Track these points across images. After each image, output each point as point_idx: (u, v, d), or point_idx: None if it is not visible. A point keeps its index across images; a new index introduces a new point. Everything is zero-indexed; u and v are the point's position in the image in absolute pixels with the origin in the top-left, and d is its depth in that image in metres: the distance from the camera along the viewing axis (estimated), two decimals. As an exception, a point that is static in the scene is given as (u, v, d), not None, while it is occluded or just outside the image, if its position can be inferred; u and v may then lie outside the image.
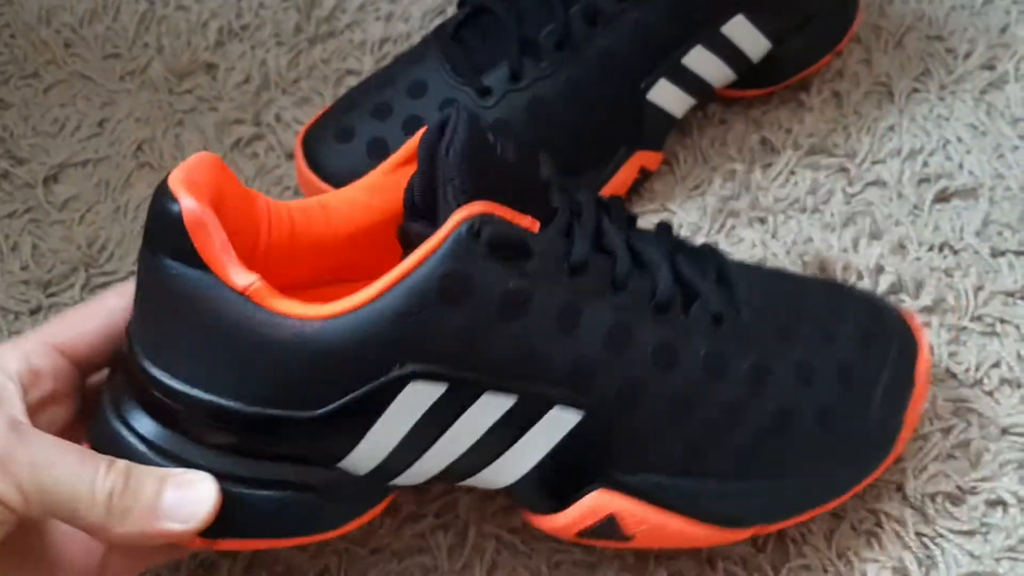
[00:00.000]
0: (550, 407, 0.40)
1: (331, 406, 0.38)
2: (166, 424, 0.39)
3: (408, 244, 0.42)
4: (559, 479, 0.42)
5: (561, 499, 0.42)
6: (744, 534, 0.44)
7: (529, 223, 0.39)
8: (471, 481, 0.42)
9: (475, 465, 0.41)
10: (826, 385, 0.44)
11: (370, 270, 0.43)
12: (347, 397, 0.38)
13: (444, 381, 0.38)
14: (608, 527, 0.42)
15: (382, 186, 0.44)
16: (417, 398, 0.38)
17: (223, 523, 0.39)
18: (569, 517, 0.42)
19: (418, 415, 0.39)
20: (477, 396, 0.39)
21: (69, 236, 0.59)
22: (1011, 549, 0.46)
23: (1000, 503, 0.48)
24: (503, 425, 0.40)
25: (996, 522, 0.47)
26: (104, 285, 0.57)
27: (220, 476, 0.39)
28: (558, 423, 0.40)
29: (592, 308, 0.40)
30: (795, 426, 0.43)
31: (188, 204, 0.38)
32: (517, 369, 0.39)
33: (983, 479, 0.48)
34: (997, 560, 0.46)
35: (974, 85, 0.63)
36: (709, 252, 0.46)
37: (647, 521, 0.42)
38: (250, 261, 0.42)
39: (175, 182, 0.39)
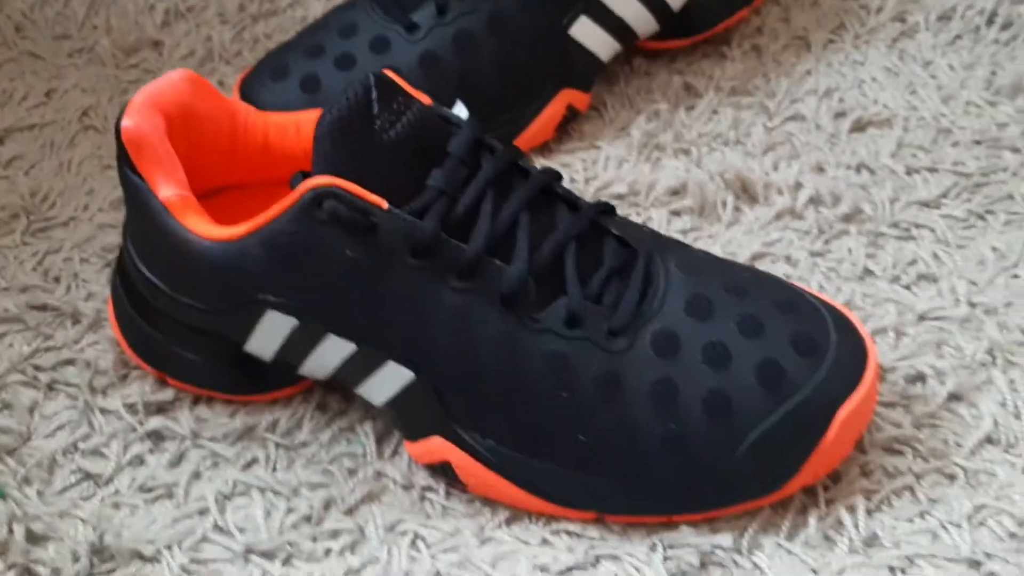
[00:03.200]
0: (385, 361, 0.43)
1: (220, 307, 0.45)
2: (147, 300, 0.47)
3: None
4: (410, 416, 0.45)
5: (415, 432, 0.45)
6: (585, 515, 0.44)
7: (376, 200, 0.41)
8: (357, 392, 0.46)
9: (350, 382, 0.45)
10: (688, 412, 0.42)
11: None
12: (229, 304, 0.45)
13: (295, 316, 0.44)
14: (446, 470, 0.45)
15: None
16: (277, 324, 0.44)
17: (173, 369, 0.48)
18: (417, 449, 0.45)
19: (283, 335, 0.45)
20: (324, 335, 0.43)
21: (13, 189, 0.59)
22: (932, 416, 0.47)
23: (919, 378, 0.48)
24: (351, 363, 0.44)
25: (916, 393, 0.48)
26: (44, 230, 0.57)
27: (169, 338, 0.48)
28: (394, 376, 0.44)
29: (431, 289, 0.42)
30: (635, 441, 0.42)
31: (127, 124, 0.44)
32: (355, 324, 0.43)
33: (902, 358, 0.49)
34: (918, 428, 0.46)
35: (887, 35, 0.65)
36: (647, 249, 0.44)
37: (477, 477, 0.44)
38: (229, 159, 0.48)
39: (132, 102, 0.45)
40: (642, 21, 0.61)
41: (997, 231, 0.55)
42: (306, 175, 0.44)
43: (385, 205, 0.41)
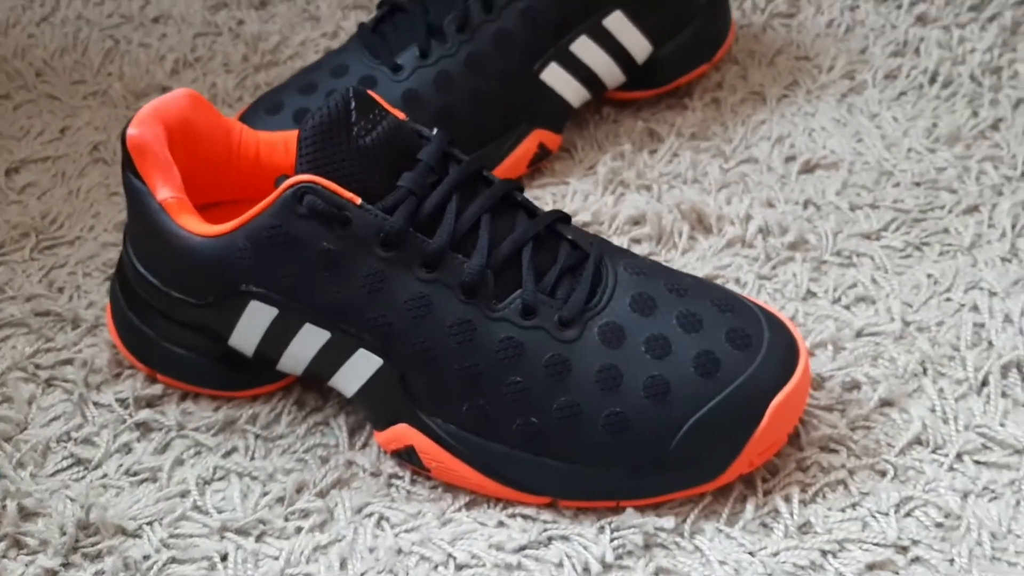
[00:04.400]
0: (357, 348, 0.46)
1: (207, 300, 0.48)
2: (141, 295, 0.50)
3: None
4: (378, 405, 0.47)
5: (383, 421, 0.47)
6: (539, 499, 0.46)
7: (350, 197, 0.44)
8: (331, 384, 0.48)
9: (323, 374, 0.48)
10: (631, 397, 0.44)
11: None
12: (216, 297, 0.47)
13: (275, 306, 0.46)
14: (410, 455, 0.47)
15: None
16: (258, 314, 0.47)
17: (162, 365, 0.51)
18: (384, 436, 0.48)
19: (264, 326, 0.47)
20: (301, 324, 0.46)
21: (24, 211, 0.63)
22: (865, 418, 0.49)
23: (855, 385, 0.50)
24: (325, 352, 0.47)
25: (852, 399, 0.50)
26: (52, 247, 0.60)
27: (160, 334, 0.50)
28: (365, 363, 0.46)
29: (399, 278, 0.45)
30: (582, 423, 0.44)
31: (132, 132, 0.48)
32: (329, 311, 0.45)
33: (839, 368, 0.51)
34: (853, 429, 0.49)
35: (837, 90, 0.69)
36: (597, 252, 0.46)
37: (439, 461, 0.46)
38: (223, 174, 0.52)
39: (138, 114, 0.48)
40: (609, 72, 0.65)
41: (932, 260, 0.57)
42: (277, 180, 0.47)
43: (358, 201, 0.44)
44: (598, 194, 0.62)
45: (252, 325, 0.47)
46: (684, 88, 0.69)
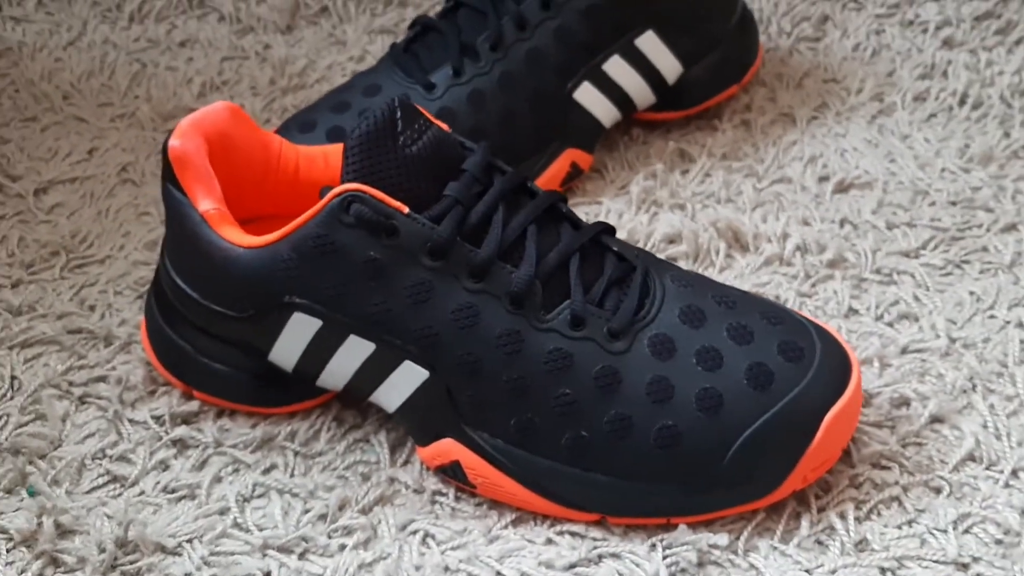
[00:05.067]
0: (402, 360, 0.45)
1: (249, 313, 0.47)
2: (179, 309, 0.49)
3: None
4: (423, 419, 0.46)
5: (427, 436, 0.46)
6: (588, 516, 0.44)
7: (398, 206, 0.43)
8: (372, 400, 0.47)
9: (366, 388, 0.47)
10: (683, 410, 0.43)
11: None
12: (258, 310, 0.46)
13: (319, 317, 0.45)
14: (456, 471, 0.45)
15: None
16: (302, 326, 0.45)
17: (199, 381, 0.50)
18: (428, 452, 0.46)
19: (307, 339, 0.46)
20: (346, 336, 0.45)
21: (54, 231, 0.62)
22: (916, 435, 0.48)
23: (904, 402, 0.49)
24: (370, 364, 0.45)
25: (901, 415, 0.49)
26: (82, 266, 0.59)
27: (198, 350, 0.49)
28: (410, 375, 0.45)
29: (446, 288, 0.44)
30: (633, 436, 0.43)
31: (174, 143, 0.47)
32: (375, 322, 0.44)
33: (886, 384, 0.50)
34: (904, 445, 0.47)
35: (866, 112, 0.69)
36: (643, 264, 0.46)
37: (485, 476, 0.45)
38: (260, 188, 0.51)
39: (180, 126, 0.48)
40: (640, 92, 0.64)
41: (973, 278, 0.56)
42: (322, 191, 0.46)
43: (406, 210, 0.43)
44: (632, 213, 0.62)
45: (294, 338, 0.45)
46: (713, 110, 0.69)
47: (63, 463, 0.47)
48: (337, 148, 0.50)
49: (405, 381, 0.45)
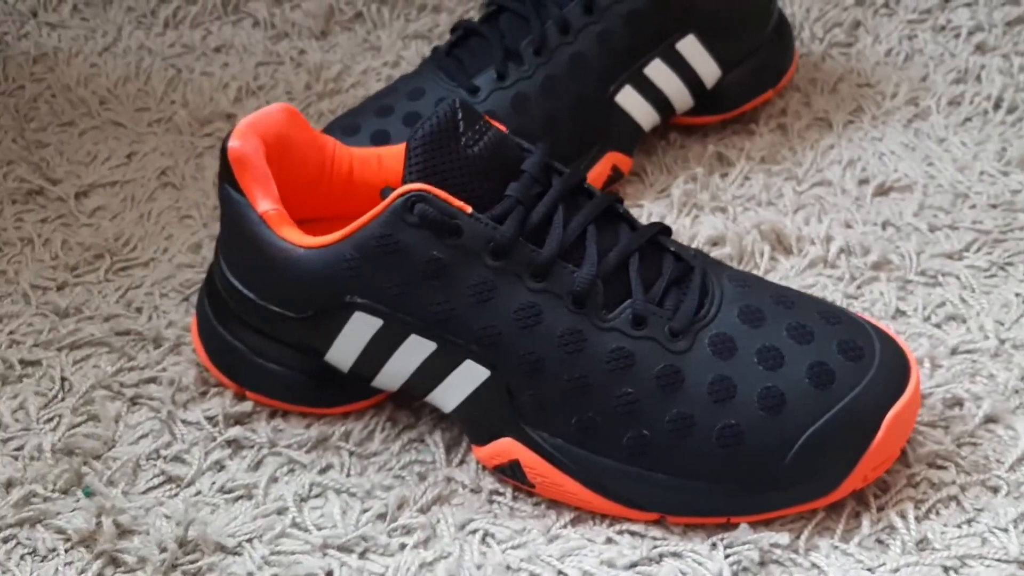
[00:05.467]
0: (463, 359, 0.45)
1: (307, 313, 0.46)
2: (233, 310, 0.49)
3: None
4: (481, 419, 0.46)
5: (485, 435, 0.46)
6: (647, 516, 0.44)
7: (461, 206, 0.43)
8: (429, 399, 0.47)
9: (423, 388, 0.46)
10: (745, 409, 0.43)
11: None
12: (317, 310, 0.46)
13: (380, 317, 0.45)
14: (514, 470, 0.45)
15: None
16: (362, 325, 0.45)
17: (252, 381, 0.50)
18: (486, 451, 0.46)
19: (367, 338, 0.45)
20: (406, 335, 0.45)
21: (97, 233, 0.62)
22: (971, 435, 0.48)
23: (957, 402, 0.49)
24: (430, 364, 0.45)
25: (955, 415, 0.49)
26: (126, 269, 0.59)
27: (252, 350, 0.49)
28: (470, 374, 0.45)
29: (509, 288, 0.44)
30: (695, 435, 0.43)
31: (233, 144, 0.47)
32: (436, 321, 0.44)
33: (938, 385, 0.50)
34: (959, 445, 0.47)
35: (902, 116, 0.69)
36: (701, 265, 0.46)
37: (545, 476, 0.45)
38: (315, 190, 0.50)
39: (238, 126, 0.48)
40: (679, 95, 0.64)
41: (1019, 279, 0.56)
42: (383, 192, 0.46)
43: (469, 210, 0.43)
44: (673, 216, 0.62)
45: (354, 337, 0.45)
46: (749, 114, 0.69)
47: (118, 464, 0.47)
48: (391, 150, 0.50)
49: (465, 380, 0.45)
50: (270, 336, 0.48)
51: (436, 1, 0.79)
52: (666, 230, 0.47)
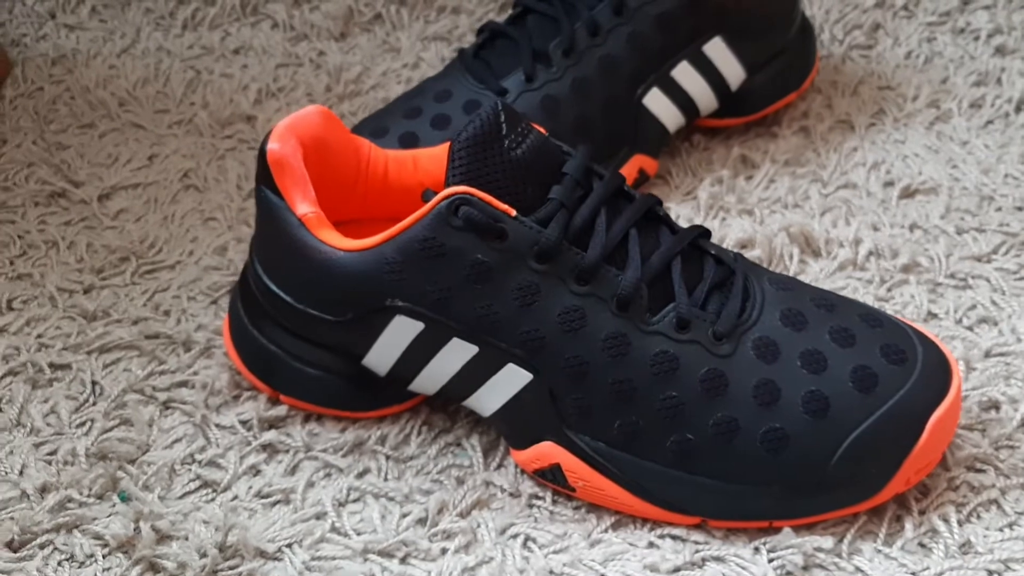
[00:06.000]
0: (505, 363, 0.44)
1: (347, 317, 0.46)
2: (269, 313, 0.49)
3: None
4: (522, 422, 0.45)
5: (525, 439, 0.45)
6: (689, 519, 0.44)
7: (506, 209, 0.43)
8: (467, 403, 0.47)
9: (462, 392, 0.46)
10: (790, 412, 0.42)
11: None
12: (357, 313, 0.45)
13: (422, 320, 0.44)
14: (555, 474, 0.45)
15: None
16: (403, 329, 0.45)
17: (287, 384, 0.49)
18: (526, 455, 0.46)
19: (407, 342, 0.45)
20: (448, 339, 0.44)
21: (121, 236, 0.61)
22: (1008, 438, 0.47)
23: (993, 405, 0.49)
24: (471, 367, 0.45)
25: (992, 418, 0.48)
26: (152, 272, 0.59)
27: (288, 353, 0.48)
28: (513, 378, 0.44)
29: (553, 291, 0.43)
30: (739, 439, 0.43)
31: (272, 146, 0.47)
32: (479, 325, 0.44)
33: (974, 387, 0.50)
34: (997, 448, 0.47)
35: (924, 119, 0.68)
36: (742, 268, 0.46)
37: (587, 480, 0.44)
38: (350, 192, 0.50)
39: (276, 129, 0.47)
40: (705, 98, 0.64)
41: (1047, 282, 0.57)
42: (433, 195, 0.46)
43: (513, 213, 0.43)
44: (700, 218, 0.61)
45: (394, 341, 0.45)
46: (772, 116, 0.69)
47: (153, 469, 0.47)
48: (427, 152, 0.49)
49: (507, 384, 0.44)
50: (306, 339, 0.47)
51: (456, 3, 0.79)
52: (706, 233, 0.47)
